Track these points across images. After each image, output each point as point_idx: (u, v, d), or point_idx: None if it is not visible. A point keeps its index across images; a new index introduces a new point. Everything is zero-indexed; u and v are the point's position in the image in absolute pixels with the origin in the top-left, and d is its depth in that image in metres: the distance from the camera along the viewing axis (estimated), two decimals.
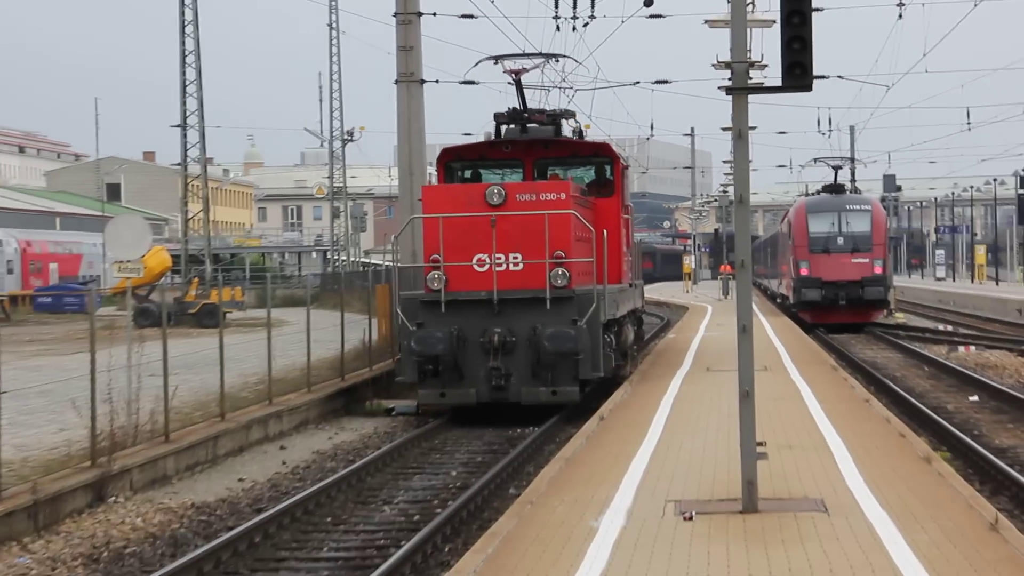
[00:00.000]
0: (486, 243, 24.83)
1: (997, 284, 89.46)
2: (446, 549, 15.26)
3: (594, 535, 12.48)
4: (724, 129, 48.15)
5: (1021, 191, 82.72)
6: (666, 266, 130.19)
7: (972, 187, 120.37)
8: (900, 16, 45.82)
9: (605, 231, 27.30)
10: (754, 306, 14.39)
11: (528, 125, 28.70)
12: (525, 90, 30.56)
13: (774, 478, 14.49)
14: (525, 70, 29.19)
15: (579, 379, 25.31)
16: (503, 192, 24.80)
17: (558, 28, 38.74)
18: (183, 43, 64.38)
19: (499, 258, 24.67)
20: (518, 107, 29.08)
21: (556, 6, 37.73)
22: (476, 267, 24.84)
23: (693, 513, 13.37)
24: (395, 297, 27.35)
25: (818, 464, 16.27)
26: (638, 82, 70.15)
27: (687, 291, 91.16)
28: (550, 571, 11.12)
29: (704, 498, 14.15)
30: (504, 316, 25.06)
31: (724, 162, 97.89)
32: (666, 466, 16.45)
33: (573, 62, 34.22)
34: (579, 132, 32.61)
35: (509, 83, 30.21)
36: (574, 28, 38.72)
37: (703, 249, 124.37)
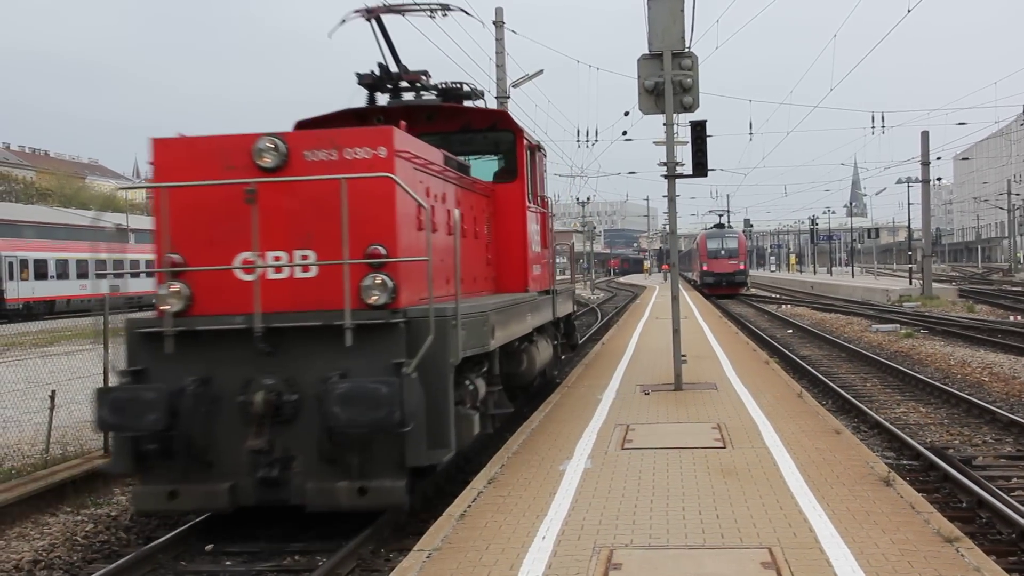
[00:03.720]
0: (254, 232, 7.29)
1: (801, 273, 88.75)
2: (524, 411, 14.66)
3: (600, 402, 12.37)
4: (664, 196, 48.27)
5: (811, 227, 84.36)
6: (636, 266, 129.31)
7: (788, 225, 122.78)
8: (751, 139, 45.81)
9: (475, 217, 10.48)
10: (679, 285, 14.32)
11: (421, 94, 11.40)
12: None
13: (690, 372, 14.34)
14: (390, 9, 11.19)
15: (407, 466, 7.17)
16: (282, 147, 7.32)
17: (579, 146, 38.86)
18: None
19: (277, 256, 7.37)
20: (389, 66, 11.02)
21: (578, 135, 37.99)
22: (242, 274, 7.40)
23: (649, 390, 13.23)
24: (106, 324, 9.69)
25: (713, 366, 16.12)
26: (619, 172, 70.36)
27: (645, 278, 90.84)
28: (579, 419, 11.03)
29: (655, 383, 14.03)
30: (281, 358, 7.29)
31: (663, 213, 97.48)
32: (636, 367, 16.34)
33: (463, 12, 12.89)
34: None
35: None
36: (587, 146, 38.73)
37: (654, 257, 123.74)
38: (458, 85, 11.76)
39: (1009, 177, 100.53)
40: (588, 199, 72.56)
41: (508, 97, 28.07)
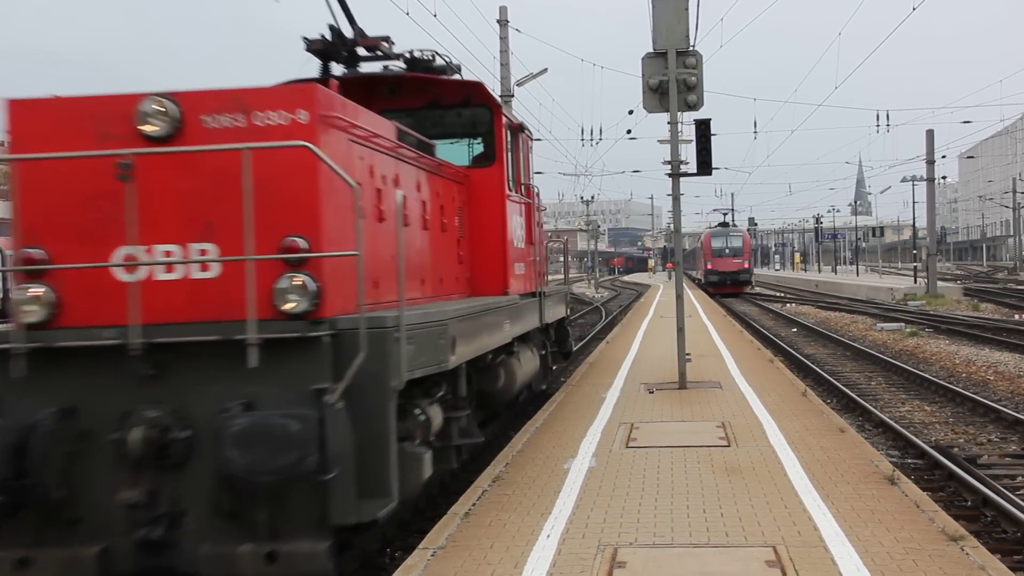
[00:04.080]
0: (132, 219, 5.33)
1: (805, 272, 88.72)
2: (528, 409, 14.01)
3: (604, 400, 12.37)
4: (668, 195, 48.23)
5: (815, 225, 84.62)
6: (640, 264, 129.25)
7: (792, 223, 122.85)
8: (755, 138, 45.87)
9: (443, 206, 8.49)
10: (684, 284, 14.31)
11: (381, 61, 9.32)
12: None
13: (695, 371, 14.34)
14: None
15: (331, 524, 5.23)
16: (172, 109, 5.42)
17: (583, 145, 38.95)
18: None
19: (168, 251, 5.47)
20: (345, 30, 8.77)
21: (582, 134, 38.12)
22: (123, 274, 5.45)
23: (654, 388, 13.22)
24: None
25: (717, 364, 16.11)
26: (624, 171, 70.40)
27: (650, 277, 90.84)
28: (583, 417, 11.03)
29: (659, 381, 14.02)
30: (169, 383, 5.41)
31: (667, 211, 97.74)
32: (640, 366, 16.33)
33: None
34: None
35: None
36: (591, 144, 38.73)
37: (658, 255, 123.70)
38: (429, 56, 9.69)
39: (1014, 175, 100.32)
40: (592, 198, 72.67)
41: (512, 96, 28.07)
